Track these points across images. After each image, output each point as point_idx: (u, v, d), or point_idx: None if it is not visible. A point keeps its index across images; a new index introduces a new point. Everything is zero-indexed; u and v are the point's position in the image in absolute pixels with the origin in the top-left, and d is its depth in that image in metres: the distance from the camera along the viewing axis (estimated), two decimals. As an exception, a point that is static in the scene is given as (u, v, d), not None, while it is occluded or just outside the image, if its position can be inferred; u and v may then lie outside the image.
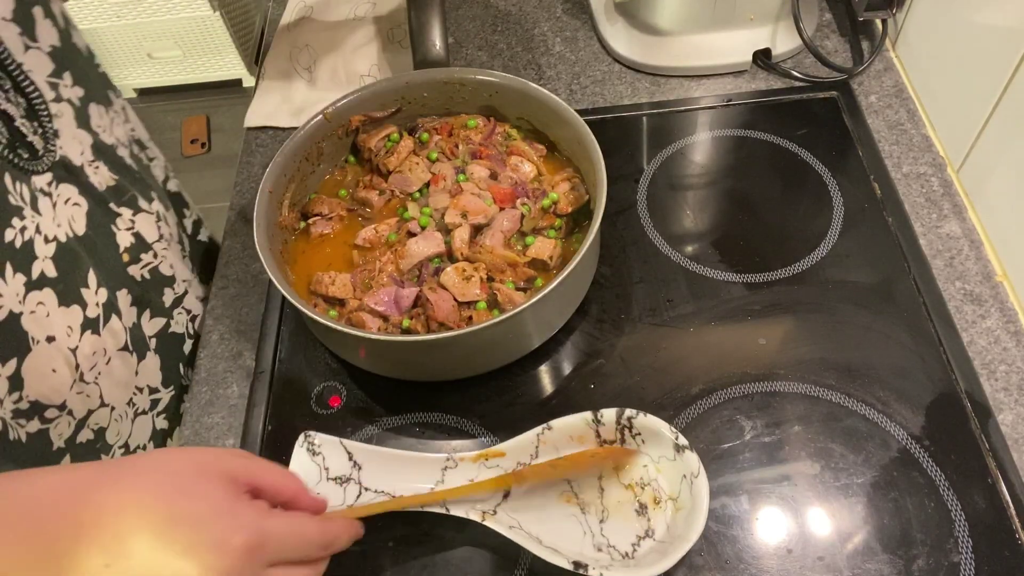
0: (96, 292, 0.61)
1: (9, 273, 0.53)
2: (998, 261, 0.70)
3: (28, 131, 0.56)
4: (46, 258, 0.56)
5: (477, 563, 0.59)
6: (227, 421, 0.68)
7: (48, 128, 0.58)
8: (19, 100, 0.56)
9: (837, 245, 0.72)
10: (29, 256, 0.55)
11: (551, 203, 0.70)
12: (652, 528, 0.57)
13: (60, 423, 0.59)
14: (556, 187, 0.71)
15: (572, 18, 0.95)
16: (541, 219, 0.70)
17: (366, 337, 0.61)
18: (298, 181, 0.72)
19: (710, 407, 0.64)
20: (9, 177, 0.53)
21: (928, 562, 0.56)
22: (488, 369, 0.66)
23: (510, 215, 0.69)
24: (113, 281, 0.64)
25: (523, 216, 0.69)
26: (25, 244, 0.54)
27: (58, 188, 0.59)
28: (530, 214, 0.69)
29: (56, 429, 0.58)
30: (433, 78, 0.74)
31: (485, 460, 0.60)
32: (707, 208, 0.77)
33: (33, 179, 0.56)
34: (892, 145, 0.79)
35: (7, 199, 0.53)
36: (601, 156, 0.65)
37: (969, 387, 0.63)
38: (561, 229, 0.70)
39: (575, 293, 0.68)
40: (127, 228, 0.67)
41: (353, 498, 0.59)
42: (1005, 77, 0.66)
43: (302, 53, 0.94)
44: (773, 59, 0.86)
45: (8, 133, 0.54)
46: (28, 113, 0.56)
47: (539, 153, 0.74)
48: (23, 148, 0.55)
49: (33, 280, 0.55)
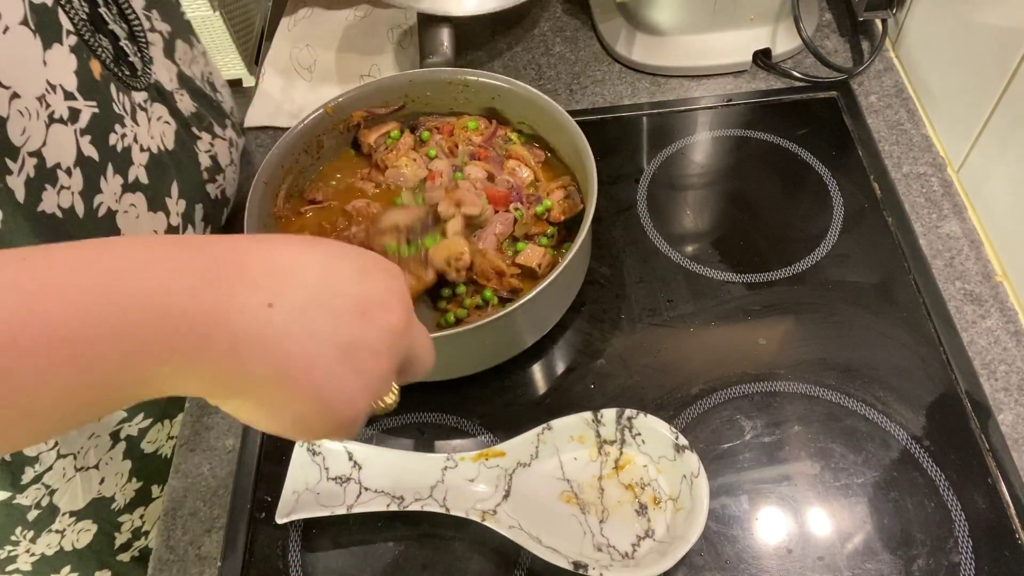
0: (177, 203, 0.68)
1: (110, 173, 0.60)
2: (998, 261, 0.70)
3: (130, 52, 0.63)
4: (140, 165, 0.63)
5: (477, 563, 0.59)
6: (227, 421, 0.68)
7: (145, 53, 0.65)
8: (122, 25, 0.63)
9: (837, 245, 0.72)
10: (127, 161, 0.62)
11: (544, 210, 0.69)
12: (652, 528, 0.57)
13: None
14: (551, 194, 0.71)
15: (572, 18, 0.95)
16: (533, 225, 0.69)
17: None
18: (296, 173, 0.72)
19: (710, 407, 0.64)
20: (114, 88, 0.60)
21: (928, 562, 0.56)
22: (480, 369, 0.66)
23: (503, 218, 0.69)
24: (192, 195, 0.70)
25: (516, 220, 0.69)
26: (124, 150, 0.61)
27: (152, 106, 0.65)
28: (523, 219, 0.69)
29: None
30: (437, 77, 0.74)
31: (485, 460, 0.60)
32: (707, 208, 0.77)
33: (133, 94, 0.63)
34: (892, 145, 0.79)
35: (112, 107, 0.59)
36: (594, 162, 0.65)
37: (969, 387, 0.63)
38: (553, 237, 0.69)
39: (567, 292, 0.68)
40: (206, 151, 0.74)
41: (353, 498, 0.59)
42: (1005, 77, 0.66)
43: (302, 53, 0.94)
44: (773, 59, 0.86)
45: (114, 50, 0.61)
46: (130, 36, 0.64)
47: (537, 159, 0.74)
48: (125, 66, 0.62)
49: (128, 183, 0.62)
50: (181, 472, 0.66)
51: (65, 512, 0.71)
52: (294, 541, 0.61)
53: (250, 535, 0.62)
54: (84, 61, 0.57)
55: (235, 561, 0.61)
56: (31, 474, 0.66)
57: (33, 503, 0.68)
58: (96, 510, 0.74)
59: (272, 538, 0.61)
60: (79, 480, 0.71)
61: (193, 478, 0.66)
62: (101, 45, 0.59)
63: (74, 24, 0.56)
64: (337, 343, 0.35)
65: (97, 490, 0.73)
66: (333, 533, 0.61)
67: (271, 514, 0.60)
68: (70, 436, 0.68)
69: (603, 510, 0.58)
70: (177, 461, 0.67)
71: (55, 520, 0.71)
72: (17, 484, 0.65)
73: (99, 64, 0.58)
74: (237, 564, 0.61)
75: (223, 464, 0.66)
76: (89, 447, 0.71)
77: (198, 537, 0.63)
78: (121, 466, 0.75)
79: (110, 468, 0.74)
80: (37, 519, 0.69)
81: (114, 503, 0.76)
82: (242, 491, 0.64)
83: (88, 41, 0.57)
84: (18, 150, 0.52)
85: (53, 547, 0.72)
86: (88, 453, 0.71)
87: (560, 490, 0.59)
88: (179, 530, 0.63)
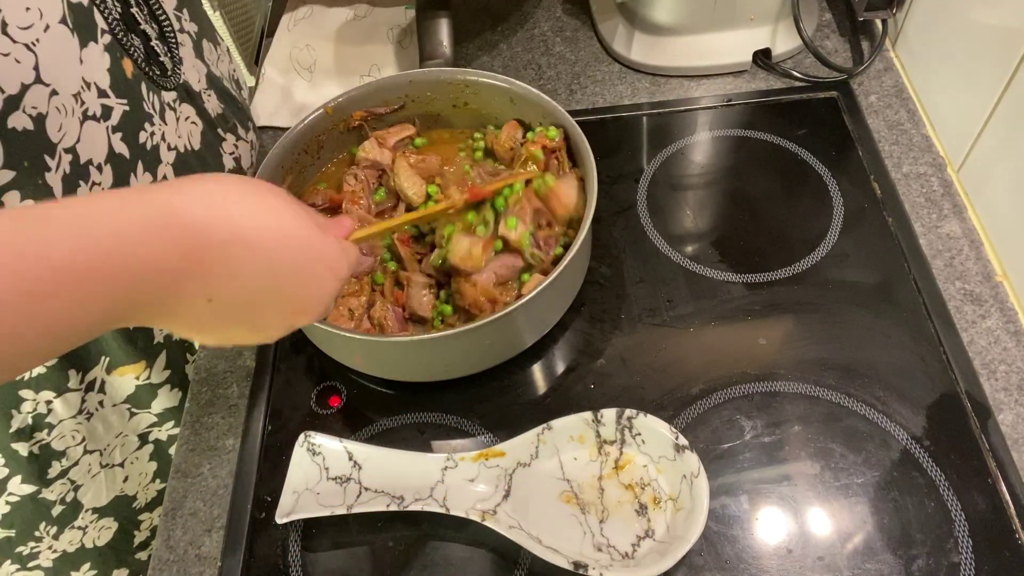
0: None
1: (140, 170, 0.61)
2: (998, 261, 0.70)
3: (160, 52, 0.64)
4: (167, 164, 0.64)
5: (477, 563, 0.59)
6: (227, 421, 0.68)
7: (175, 53, 0.66)
8: (153, 25, 0.64)
9: (837, 245, 0.72)
10: (156, 159, 0.63)
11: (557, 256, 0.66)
12: (652, 528, 0.57)
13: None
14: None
15: (572, 18, 0.95)
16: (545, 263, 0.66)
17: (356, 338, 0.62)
18: (296, 173, 0.72)
19: (710, 407, 0.64)
20: (144, 87, 0.61)
21: (928, 562, 0.56)
22: (481, 369, 0.66)
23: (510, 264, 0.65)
24: None
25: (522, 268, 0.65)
26: (153, 148, 0.62)
27: (180, 106, 0.67)
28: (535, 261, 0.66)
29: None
30: (437, 77, 0.74)
31: (485, 460, 0.60)
32: (707, 208, 0.77)
33: (163, 94, 0.64)
34: (892, 145, 0.79)
35: (142, 105, 0.61)
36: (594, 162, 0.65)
37: (969, 387, 0.63)
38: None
39: (567, 292, 0.68)
40: (230, 152, 0.75)
41: (353, 498, 0.59)
42: (1005, 77, 0.66)
43: (302, 53, 0.94)
44: (773, 59, 0.86)
45: (145, 50, 0.62)
46: (160, 36, 0.64)
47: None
48: (156, 65, 0.63)
49: (157, 181, 0.63)
50: (181, 472, 0.66)
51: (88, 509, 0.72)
52: (294, 541, 0.61)
53: (250, 535, 0.62)
54: (117, 60, 0.58)
55: (235, 561, 0.61)
56: (58, 468, 0.67)
57: (58, 498, 0.68)
58: (118, 508, 0.74)
59: (272, 538, 0.61)
60: (103, 477, 0.71)
61: (193, 478, 0.66)
62: (133, 44, 0.60)
63: (108, 23, 0.57)
64: (280, 301, 0.43)
65: (120, 488, 0.74)
66: (333, 533, 0.61)
67: (271, 514, 0.60)
68: (97, 432, 0.68)
69: (603, 510, 0.58)
70: (177, 461, 0.67)
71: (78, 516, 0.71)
72: (44, 478, 0.66)
73: (131, 63, 0.60)
74: (237, 564, 0.61)
75: (223, 464, 0.66)
76: (116, 445, 0.71)
77: (198, 537, 0.63)
78: (147, 467, 0.76)
79: (135, 468, 0.75)
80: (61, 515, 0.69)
81: (135, 501, 0.76)
82: (242, 491, 0.64)
83: (121, 40, 0.58)
84: (55, 147, 0.53)
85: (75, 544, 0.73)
86: (114, 451, 0.71)
87: (560, 490, 0.59)
88: (179, 530, 0.63)
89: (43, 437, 0.64)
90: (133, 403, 0.71)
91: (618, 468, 0.59)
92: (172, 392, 0.73)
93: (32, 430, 0.63)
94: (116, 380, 0.68)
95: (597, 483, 0.59)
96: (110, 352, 0.66)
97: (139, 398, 0.71)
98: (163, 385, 0.72)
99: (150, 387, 0.71)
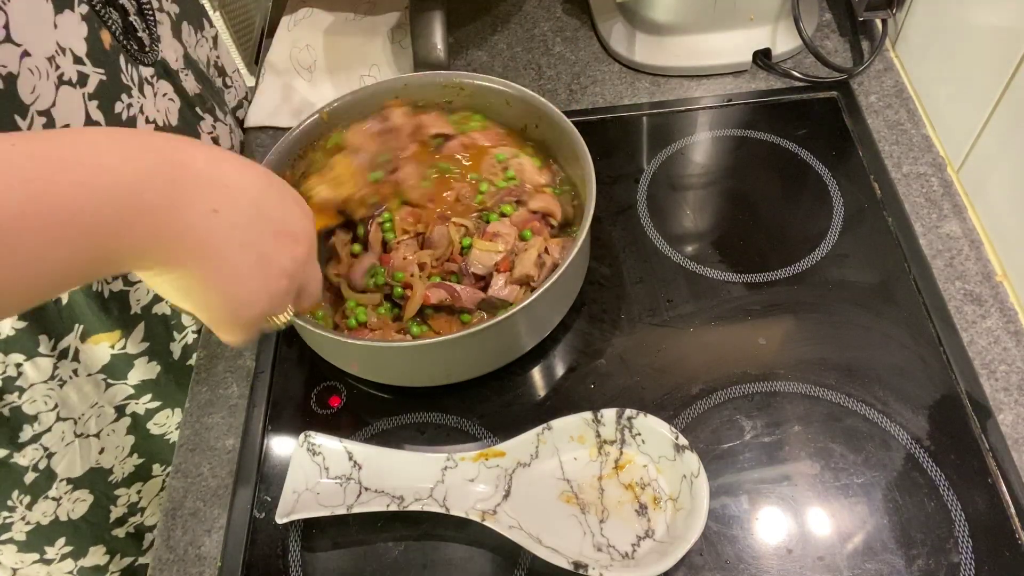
0: None
1: None
2: (998, 261, 0.70)
3: (138, 27, 0.65)
4: None
5: (477, 563, 0.59)
6: (227, 421, 0.68)
7: (153, 31, 0.67)
8: (132, 1, 0.65)
9: (837, 245, 0.72)
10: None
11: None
12: (652, 528, 0.57)
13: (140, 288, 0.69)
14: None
15: (572, 18, 0.95)
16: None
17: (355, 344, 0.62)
18: (291, 180, 0.72)
19: (710, 407, 0.64)
20: (123, 59, 0.62)
21: (928, 562, 0.56)
22: (481, 373, 0.66)
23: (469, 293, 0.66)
24: None
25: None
26: (130, 119, 0.63)
27: (159, 82, 0.68)
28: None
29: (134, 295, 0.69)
30: (432, 80, 0.74)
31: (485, 460, 0.60)
32: (707, 208, 0.77)
33: (141, 68, 0.65)
34: (892, 145, 0.79)
35: (120, 77, 0.62)
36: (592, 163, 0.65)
37: (969, 387, 0.63)
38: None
39: (567, 292, 0.68)
40: (208, 132, 0.76)
41: (353, 498, 0.59)
42: (1005, 77, 0.66)
43: (302, 53, 0.94)
44: (773, 59, 0.86)
45: (123, 24, 0.63)
46: (138, 12, 0.65)
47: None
48: (134, 40, 0.64)
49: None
50: (181, 472, 0.66)
51: (62, 479, 0.71)
52: (294, 541, 0.61)
53: (250, 535, 0.62)
54: (95, 31, 0.59)
55: (235, 561, 0.61)
56: (29, 432, 0.66)
57: (31, 464, 0.68)
58: (93, 480, 0.74)
59: (272, 538, 0.61)
60: (78, 446, 0.71)
61: (193, 478, 0.66)
62: (112, 18, 0.61)
63: None
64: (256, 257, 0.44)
65: (96, 460, 0.74)
66: (333, 533, 0.61)
67: (271, 514, 0.60)
68: (71, 400, 0.68)
69: (603, 510, 0.58)
70: (177, 461, 0.67)
71: (52, 486, 0.71)
72: (15, 441, 0.66)
73: (109, 35, 0.60)
74: (237, 564, 0.61)
75: (223, 464, 0.66)
76: (91, 415, 0.71)
77: (198, 537, 0.63)
78: (123, 440, 0.76)
79: (111, 440, 0.74)
80: (34, 483, 0.69)
81: (112, 475, 0.76)
82: (242, 491, 0.64)
83: (99, 12, 0.59)
84: (27, 108, 0.53)
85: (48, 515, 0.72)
86: (89, 421, 0.71)
87: (560, 490, 0.59)
88: (179, 530, 0.63)
89: (13, 400, 0.64)
90: (108, 374, 0.70)
91: (618, 468, 0.59)
92: (150, 364, 0.73)
93: (1, 392, 0.63)
94: (91, 349, 0.68)
95: (597, 483, 0.59)
96: (84, 319, 0.66)
97: (114, 368, 0.70)
98: (140, 356, 0.72)
99: (126, 357, 0.71)
